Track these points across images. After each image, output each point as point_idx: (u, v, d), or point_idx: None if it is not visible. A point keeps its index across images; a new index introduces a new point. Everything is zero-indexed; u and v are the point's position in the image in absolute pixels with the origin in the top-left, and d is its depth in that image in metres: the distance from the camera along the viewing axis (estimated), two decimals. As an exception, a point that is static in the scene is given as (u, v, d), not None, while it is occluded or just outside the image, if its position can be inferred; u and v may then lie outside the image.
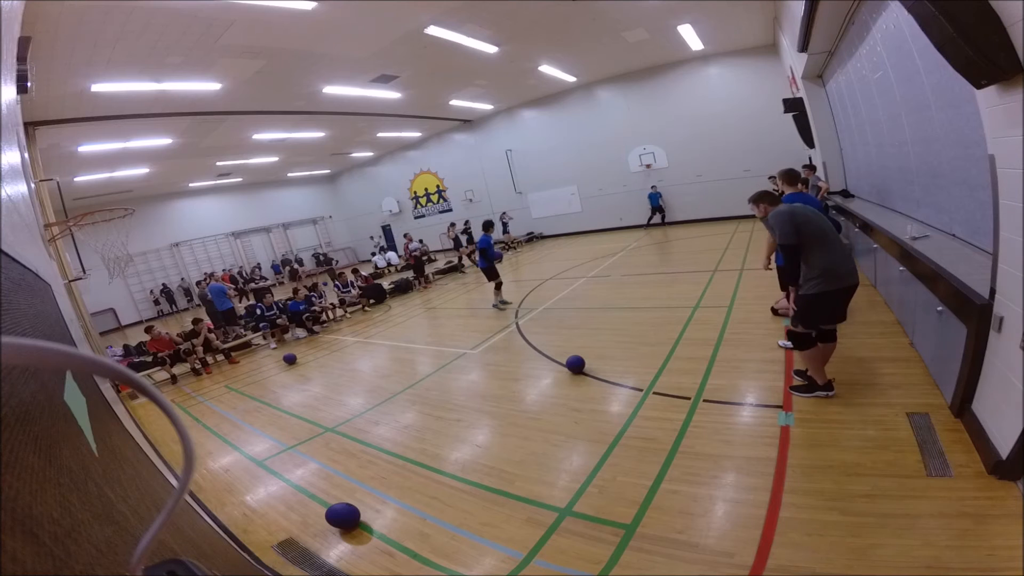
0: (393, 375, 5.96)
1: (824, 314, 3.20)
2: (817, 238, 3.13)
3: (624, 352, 5.13)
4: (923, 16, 2.22)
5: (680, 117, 14.06)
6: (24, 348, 0.32)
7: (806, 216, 3.17)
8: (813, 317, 3.20)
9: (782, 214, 3.19)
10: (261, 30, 7.04)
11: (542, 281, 9.96)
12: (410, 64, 10.02)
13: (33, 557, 0.61)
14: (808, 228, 3.13)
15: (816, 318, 3.20)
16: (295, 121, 12.78)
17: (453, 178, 20.13)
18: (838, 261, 3.11)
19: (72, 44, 6.11)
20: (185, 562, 0.70)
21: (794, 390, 3.52)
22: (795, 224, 3.12)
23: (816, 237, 3.13)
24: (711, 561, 2.22)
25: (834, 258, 3.10)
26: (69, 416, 1.20)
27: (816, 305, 3.15)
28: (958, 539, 2.04)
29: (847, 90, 6.61)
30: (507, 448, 3.63)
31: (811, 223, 3.15)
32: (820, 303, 3.13)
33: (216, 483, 3.97)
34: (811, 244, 3.13)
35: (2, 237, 1.29)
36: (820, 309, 3.16)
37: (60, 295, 3.28)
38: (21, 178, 3.43)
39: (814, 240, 3.13)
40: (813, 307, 3.16)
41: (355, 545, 2.87)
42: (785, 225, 3.14)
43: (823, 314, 3.20)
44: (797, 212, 3.18)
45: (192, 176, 17.32)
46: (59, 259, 6.84)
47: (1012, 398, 2.17)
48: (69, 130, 9.03)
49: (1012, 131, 2.05)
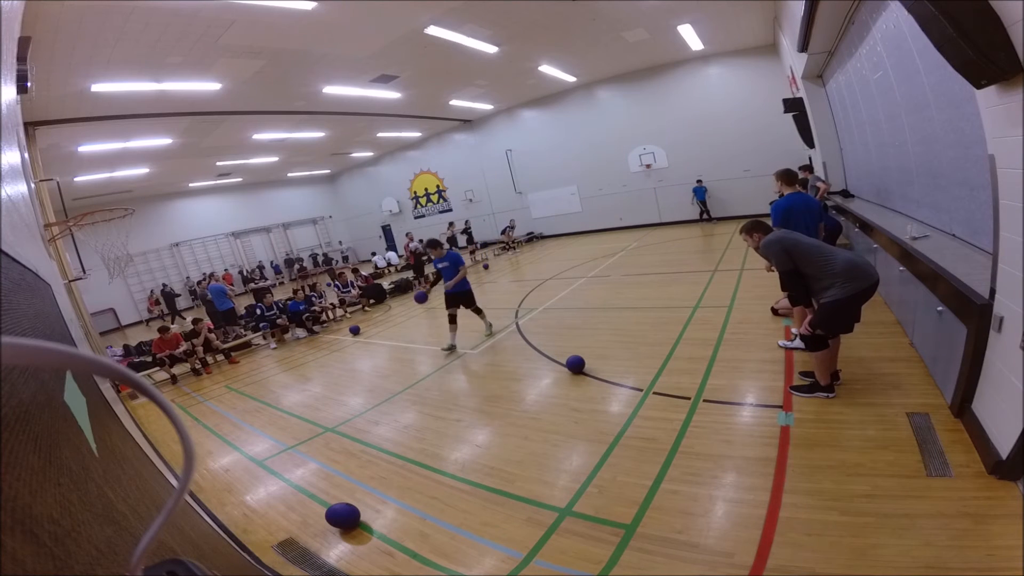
0: (393, 375, 5.97)
1: (847, 319, 3.17)
2: (813, 255, 3.14)
3: (624, 352, 5.13)
4: (923, 16, 2.22)
5: (680, 117, 14.07)
6: (24, 348, 0.32)
7: (794, 240, 3.24)
8: (836, 323, 3.17)
9: (772, 244, 3.28)
10: (261, 30, 7.04)
11: (542, 281, 9.96)
12: (410, 64, 10.02)
13: (33, 557, 0.60)
14: (799, 250, 3.17)
15: (839, 324, 3.17)
16: (295, 121, 12.78)
17: (453, 178, 20.13)
18: (847, 266, 3.07)
19: (72, 44, 6.11)
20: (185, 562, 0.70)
21: (795, 390, 3.52)
22: (785, 250, 3.19)
23: (811, 255, 3.15)
24: (711, 561, 2.22)
25: (839, 264, 3.07)
26: (69, 416, 1.20)
27: (838, 312, 3.10)
28: (958, 539, 2.04)
29: (847, 90, 6.61)
30: (507, 448, 3.63)
31: (800, 244, 3.20)
32: (841, 309, 3.09)
33: (216, 483, 3.97)
34: (809, 261, 3.14)
35: (2, 237, 1.29)
36: (842, 315, 3.13)
37: (60, 295, 3.28)
38: (21, 178, 3.43)
39: (810, 257, 3.14)
40: (835, 314, 3.12)
41: (355, 545, 2.87)
42: (779, 254, 3.22)
43: (846, 319, 3.16)
44: (785, 238, 3.26)
45: (192, 176, 17.33)
46: (59, 259, 6.85)
47: (1012, 398, 2.17)
48: (69, 130, 9.03)
49: (1012, 131, 2.05)
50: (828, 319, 3.15)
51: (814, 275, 3.15)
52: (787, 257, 3.19)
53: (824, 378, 3.35)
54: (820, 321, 3.16)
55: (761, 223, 3.57)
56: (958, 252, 3.38)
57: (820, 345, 3.23)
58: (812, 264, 3.14)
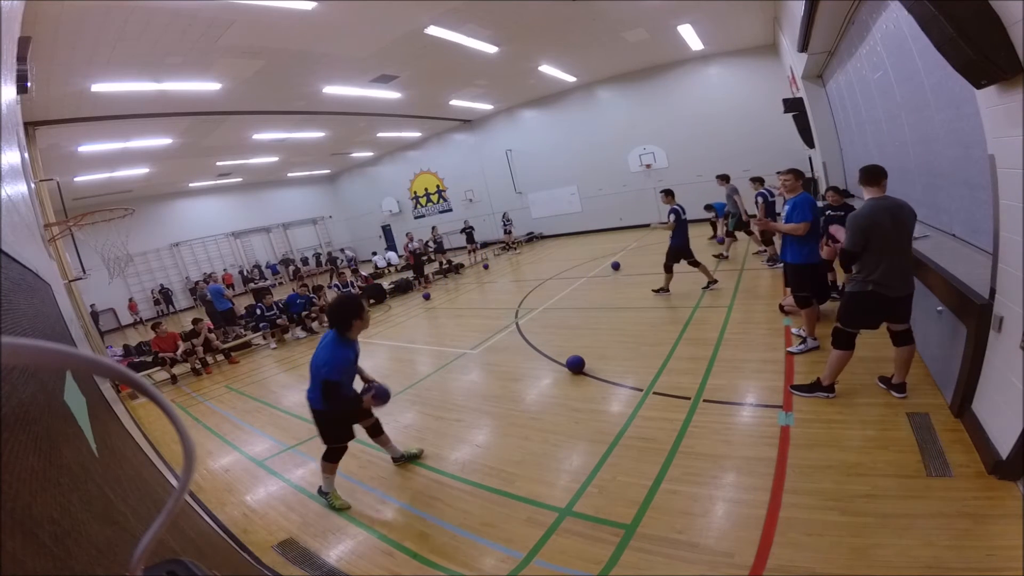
0: (393, 375, 5.96)
1: (867, 314, 3.12)
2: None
3: (624, 352, 5.13)
4: (923, 16, 2.22)
5: (680, 117, 14.06)
6: (24, 348, 0.32)
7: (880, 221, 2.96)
8: (855, 316, 3.14)
9: (860, 218, 3.02)
10: (261, 30, 7.04)
11: (542, 281, 9.96)
12: (410, 64, 10.02)
13: (33, 557, 0.61)
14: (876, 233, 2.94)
15: (859, 318, 3.13)
16: (295, 121, 12.78)
17: (453, 178, 20.13)
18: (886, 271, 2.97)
19: (72, 44, 6.11)
20: (185, 562, 0.70)
21: (795, 389, 3.52)
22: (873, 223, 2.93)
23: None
24: (711, 561, 2.22)
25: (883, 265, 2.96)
26: (69, 416, 1.20)
27: (858, 304, 3.07)
28: (958, 539, 2.04)
29: (847, 90, 6.61)
30: (507, 448, 3.63)
31: (882, 227, 2.93)
32: (861, 303, 3.06)
33: (216, 483, 3.97)
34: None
35: (2, 237, 1.29)
36: (861, 309, 3.09)
37: (60, 295, 3.28)
38: (21, 178, 3.43)
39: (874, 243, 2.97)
40: (856, 306, 3.09)
41: (355, 545, 2.87)
42: (857, 232, 2.98)
43: (866, 314, 3.12)
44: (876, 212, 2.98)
45: (192, 176, 17.33)
46: (59, 259, 6.84)
47: (1012, 398, 2.17)
48: (69, 130, 9.03)
49: (1012, 131, 2.05)
50: (844, 309, 3.13)
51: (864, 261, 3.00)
52: (863, 238, 2.93)
53: (830, 378, 3.33)
54: (841, 312, 3.14)
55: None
56: (958, 252, 3.38)
57: (844, 343, 3.20)
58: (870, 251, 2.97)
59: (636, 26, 10.15)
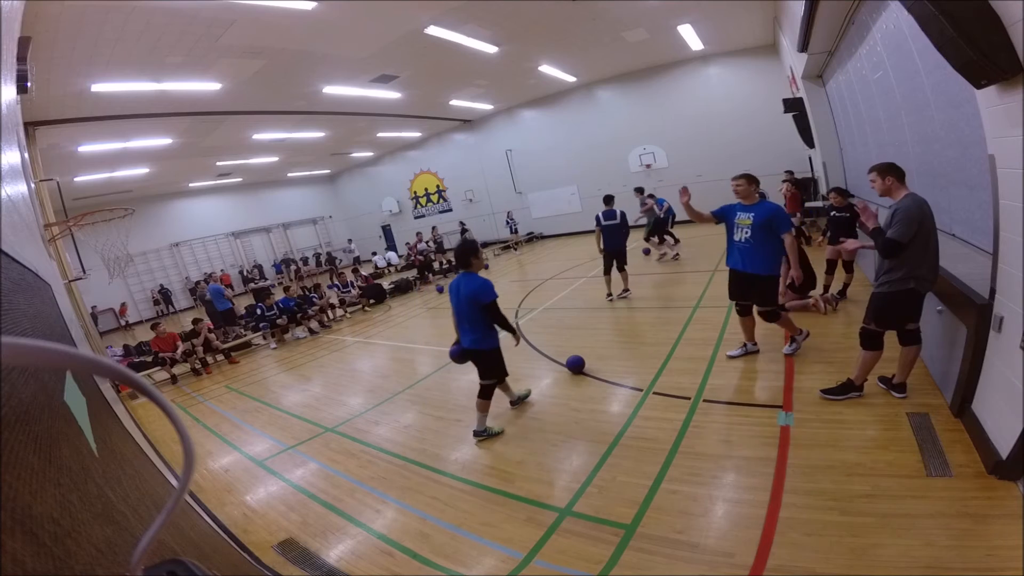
0: (393, 375, 5.96)
1: (899, 313, 3.05)
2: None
3: (624, 352, 5.13)
4: (923, 16, 2.22)
5: (680, 117, 14.06)
6: (24, 348, 0.32)
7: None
8: (889, 316, 3.08)
9: (912, 208, 2.90)
10: (261, 30, 7.04)
11: (542, 281, 9.96)
12: (410, 64, 10.02)
13: (33, 557, 0.60)
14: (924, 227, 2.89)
15: (892, 317, 3.08)
16: (295, 121, 12.77)
17: (453, 178, 20.12)
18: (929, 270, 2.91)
19: (72, 44, 6.11)
20: (185, 562, 0.70)
21: (826, 393, 3.37)
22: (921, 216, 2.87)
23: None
24: (711, 561, 2.22)
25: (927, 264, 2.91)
26: (69, 416, 1.20)
27: (892, 304, 3.02)
28: (958, 539, 2.04)
29: (847, 90, 6.61)
30: (507, 448, 3.63)
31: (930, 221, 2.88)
32: (895, 303, 3.00)
33: (216, 483, 3.97)
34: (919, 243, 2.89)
35: (2, 237, 1.29)
36: (895, 309, 3.03)
37: (60, 295, 3.28)
38: (21, 178, 3.42)
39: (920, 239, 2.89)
40: (890, 306, 3.03)
41: (355, 545, 2.87)
42: (910, 223, 2.88)
43: (898, 313, 3.06)
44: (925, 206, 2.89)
45: (192, 176, 17.31)
46: (59, 259, 6.83)
47: (1012, 398, 2.17)
48: (69, 130, 9.03)
49: (1012, 131, 2.05)
50: (881, 311, 3.07)
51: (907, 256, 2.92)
52: (915, 228, 2.85)
53: (861, 377, 3.28)
54: (875, 314, 3.08)
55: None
56: (958, 252, 3.38)
57: (876, 344, 3.16)
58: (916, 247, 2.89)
59: (636, 26, 10.14)
